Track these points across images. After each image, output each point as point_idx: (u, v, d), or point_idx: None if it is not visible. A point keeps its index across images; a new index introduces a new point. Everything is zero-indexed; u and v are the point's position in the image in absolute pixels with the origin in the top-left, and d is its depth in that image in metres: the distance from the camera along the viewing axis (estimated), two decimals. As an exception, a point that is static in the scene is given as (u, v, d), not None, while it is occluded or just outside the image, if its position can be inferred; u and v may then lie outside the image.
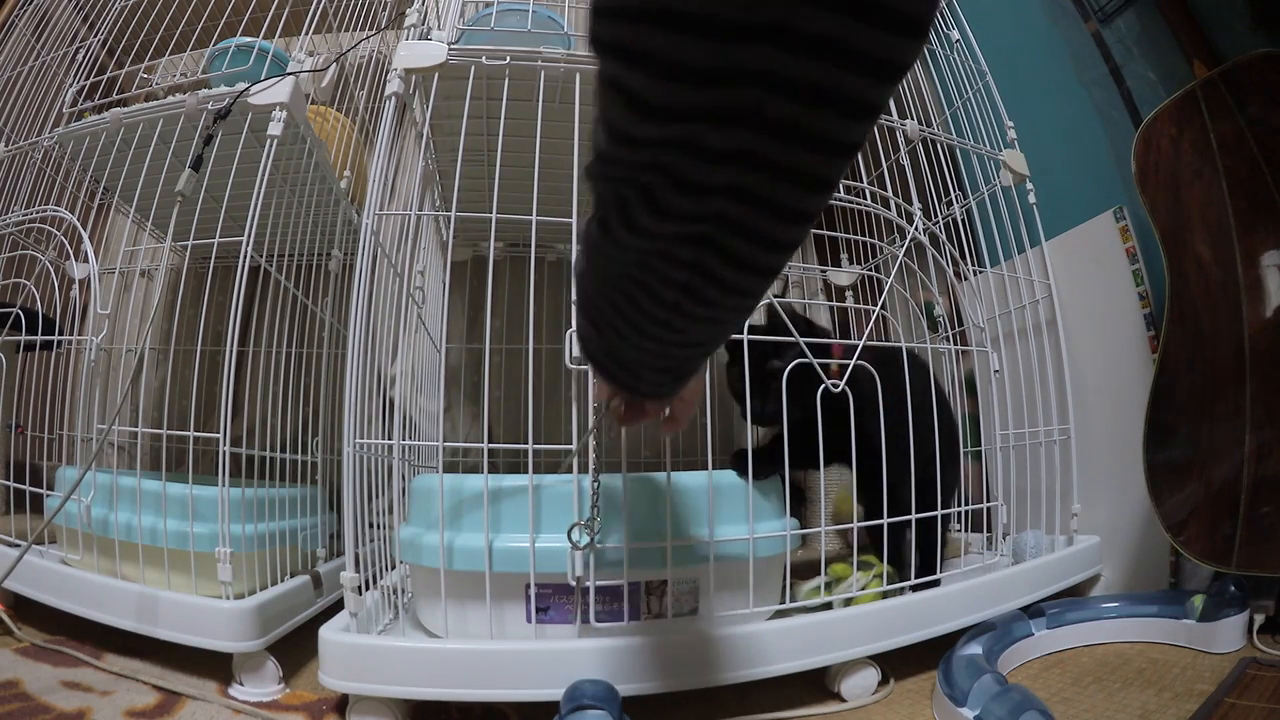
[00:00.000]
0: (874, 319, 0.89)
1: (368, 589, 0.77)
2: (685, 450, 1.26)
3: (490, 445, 0.76)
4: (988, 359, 1.06)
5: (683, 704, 0.74)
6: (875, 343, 0.88)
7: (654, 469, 0.77)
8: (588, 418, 0.71)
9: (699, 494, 0.77)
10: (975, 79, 1.23)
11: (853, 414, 0.82)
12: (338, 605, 0.77)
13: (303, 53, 1.02)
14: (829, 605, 0.81)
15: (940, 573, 0.93)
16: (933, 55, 1.31)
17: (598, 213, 0.31)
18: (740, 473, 0.80)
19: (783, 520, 0.83)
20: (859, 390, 0.83)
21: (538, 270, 0.79)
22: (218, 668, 0.80)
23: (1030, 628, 0.89)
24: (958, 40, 1.26)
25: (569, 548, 0.70)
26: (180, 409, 1.23)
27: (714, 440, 0.77)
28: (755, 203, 0.27)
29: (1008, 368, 1.07)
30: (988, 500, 1.10)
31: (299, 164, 1.02)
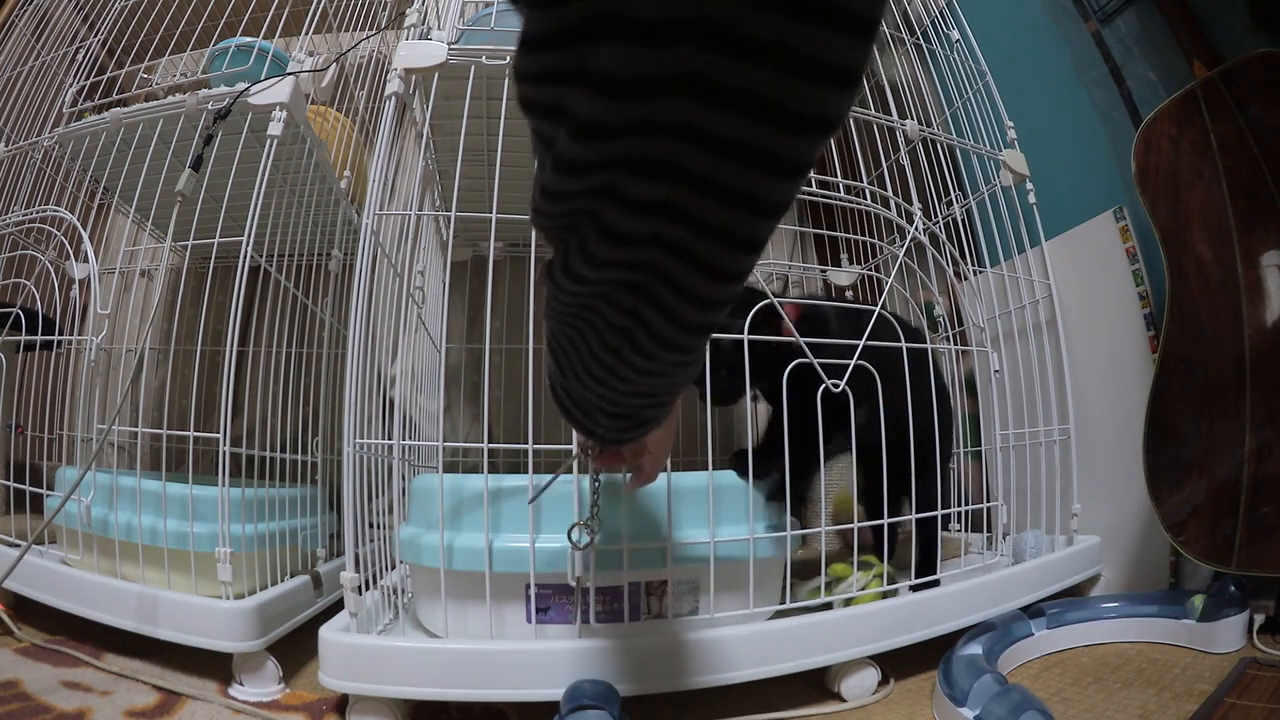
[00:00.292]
0: (874, 319, 0.89)
1: (368, 589, 0.77)
2: (685, 450, 1.26)
3: (490, 445, 0.76)
4: (988, 359, 1.07)
5: (683, 704, 0.74)
6: (847, 304, 0.87)
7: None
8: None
9: (699, 494, 0.77)
10: (975, 79, 1.23)
11: (820, 384, 0.81)
12: (338, 605, 0.78)
13: (303, 53, 1.02)
14: (829, 605, 0.81)
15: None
16: (933, 55, 1.31)
17: (553, 256, 0.32)
18: (740, 473, 0.80)
19: (782, 520, 0.83)
20: (851, 369, 0.83)
21: (538, 270, 0.79)
22: (218, 668, 0.80)
23: (1030, 628, 0.89)
24: (958, 40, 1.26)
25: (569, 548, 0.70)
26: (180, 409, 1.23)
27: (714, 440, 0.77)
28: (682, 255, 0.27)
29: (1008, 368, 1.07)
30: (988, 500, 1.10)
31: (299, 164, 1.02)
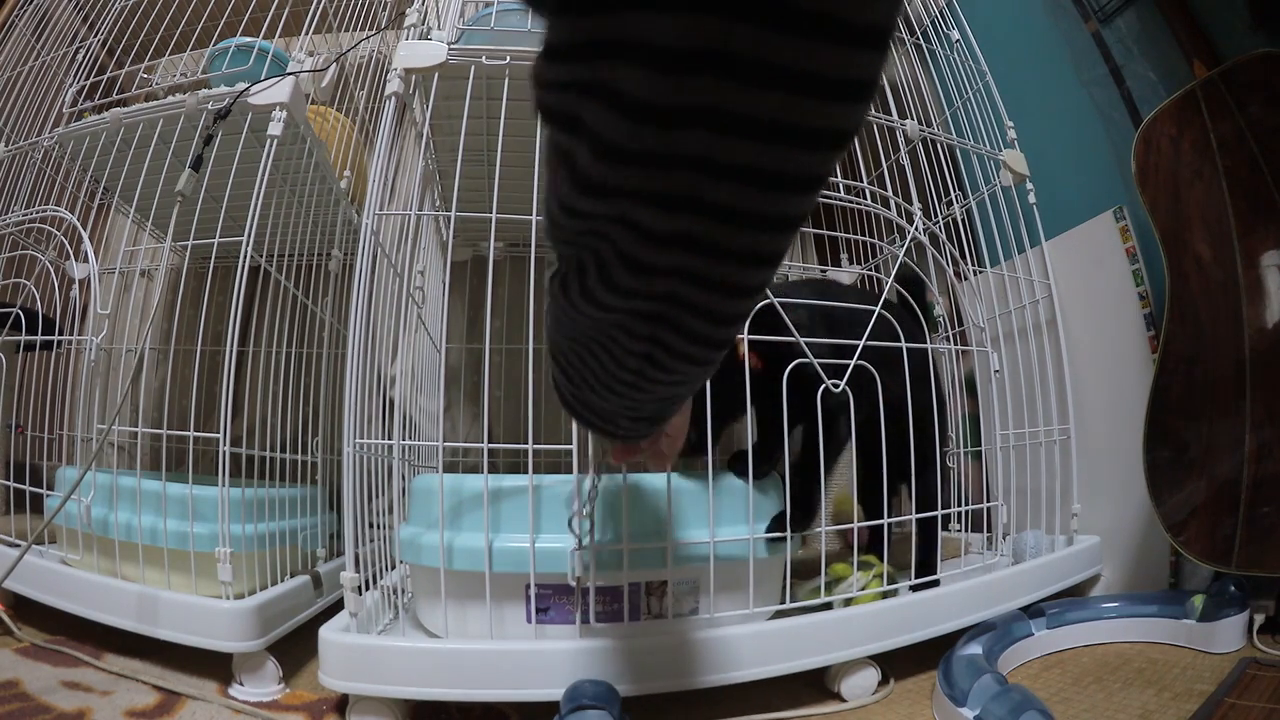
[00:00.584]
0: (873, 319, 0.89)
1: (368, 589, 0.77)
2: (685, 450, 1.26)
3: (490, 445, 0.76)
4: (988, 359, 1.06)
5: (683, 704, 0.74)
6: (824, 302, 0.87)
7: (654, 469, 0.77)
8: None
9: (699, 494, 0.77)
10: (975, 79, 1.23)
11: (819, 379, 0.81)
12: (338, 605, 0.77)
13: (303, 53, 1.02)
14: (829, 605, 0.81)
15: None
16: (933, 55, 1.31)
17: (560, 269, 0.31)
18: (739, 474, 0.80)
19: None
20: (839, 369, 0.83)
21: (538, 270, 0.79)
22: (218, 668, 0.80)
23: (1030, 628, 0.89)
24: (958, 40, 1.26)
25: (569, 548, 0.70)
26: (180, 409, 1.23)
27: (714, 440, 0.77)
28: (704, 283, 0.27)
29: (1008, 368, 1.07)
30: (988, 500, 1.10)
31: (299, 164, 1.02)
